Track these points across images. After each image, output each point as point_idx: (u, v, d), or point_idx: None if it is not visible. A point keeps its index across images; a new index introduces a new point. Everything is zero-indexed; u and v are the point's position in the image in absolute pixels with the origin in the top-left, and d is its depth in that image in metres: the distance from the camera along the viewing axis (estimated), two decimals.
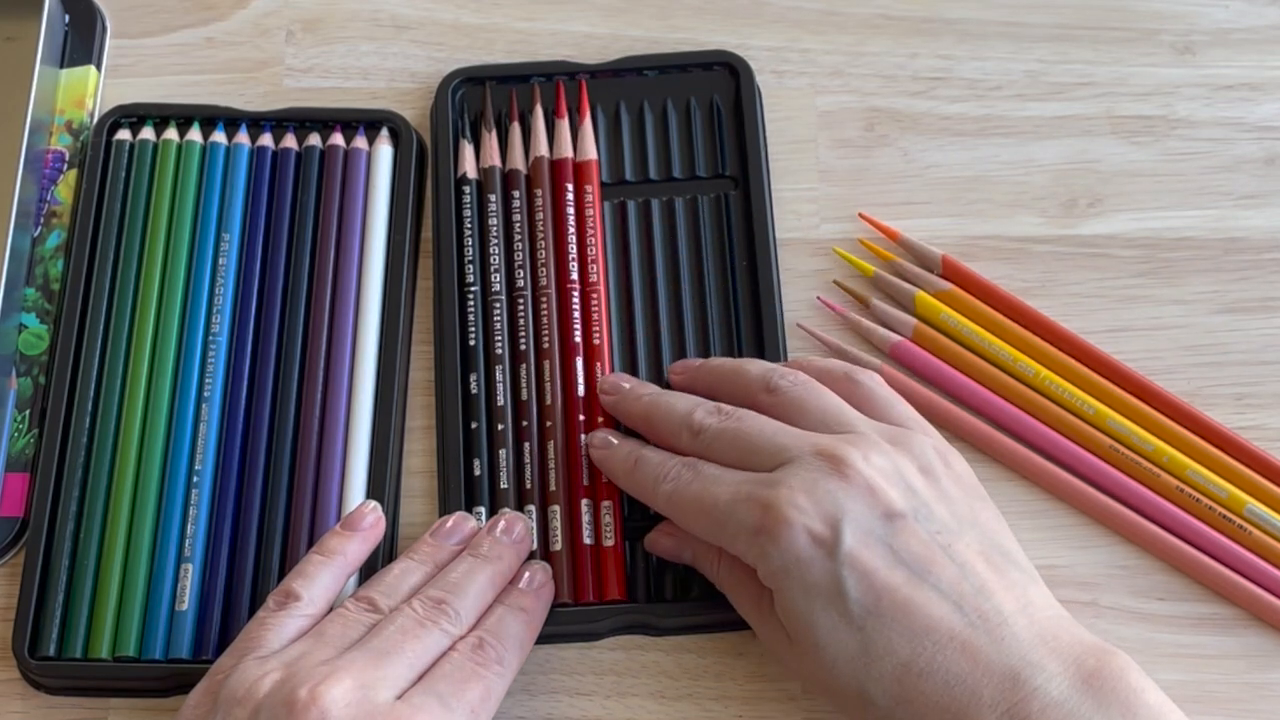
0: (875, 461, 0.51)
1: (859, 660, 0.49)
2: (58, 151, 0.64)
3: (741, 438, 0.54)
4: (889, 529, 0.50)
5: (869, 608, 0.49)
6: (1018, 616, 0.49)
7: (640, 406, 0.57)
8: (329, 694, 0.48)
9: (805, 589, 0.50)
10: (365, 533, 0.56)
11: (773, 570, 0.51)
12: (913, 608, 0.49)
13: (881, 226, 0.62)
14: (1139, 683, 0.48)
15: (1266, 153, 0.64)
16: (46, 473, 0.58)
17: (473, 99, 0.65)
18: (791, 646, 0.51)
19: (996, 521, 0.53)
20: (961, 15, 0.67)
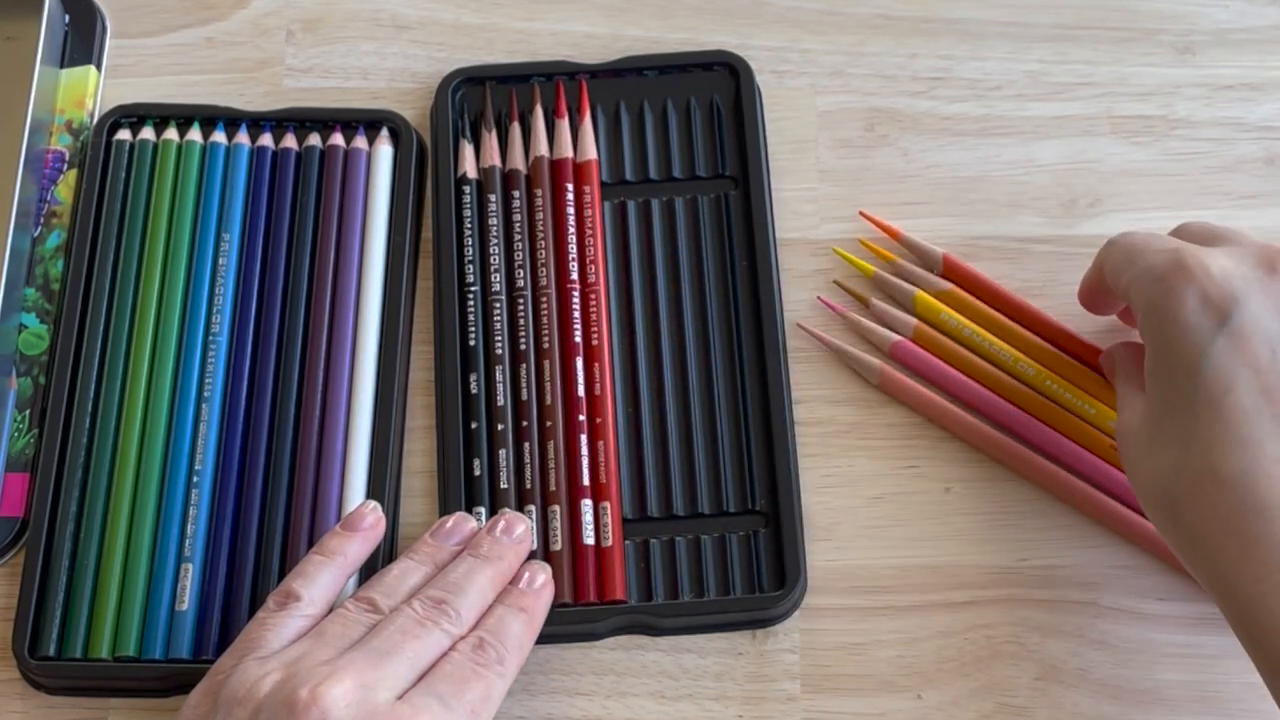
0: None
1: (1179, 443, 0.47)
2: (58, 151, 0.64)
3: (1218, 227, 0.53)
4: (1270, 361, 0.48)
5: (1213, 396, 0.47)
6: None
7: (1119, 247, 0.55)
8: (329, 694, 0.48)
9: (1169, 348, 0.48)
10: (365, 533, 0.56)
11: (1151, 318, 0.49)
12: (1255, 415, 0.47)
13: (883, 225, 0.62)
14: None
15: (1266, 153, 0.64)
16: (46, 473, 0.58)
17: (473, 99, 0.65)
18: (1140, 423, 0.49)
19: None
20: (961, 15, 0.67)
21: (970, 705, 0.56)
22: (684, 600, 0.57)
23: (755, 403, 0.60)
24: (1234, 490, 0.46)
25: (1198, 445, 0.47)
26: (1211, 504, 0.46)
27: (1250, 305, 0.48)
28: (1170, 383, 0.48)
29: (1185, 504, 0.47)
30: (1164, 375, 0.49)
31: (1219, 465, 0.46)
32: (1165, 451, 0.48)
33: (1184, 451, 0.47)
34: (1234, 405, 0.47)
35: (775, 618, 0.57)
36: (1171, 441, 0.48)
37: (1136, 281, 0.51)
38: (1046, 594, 0.57)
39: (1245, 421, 0.47)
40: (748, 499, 0.59)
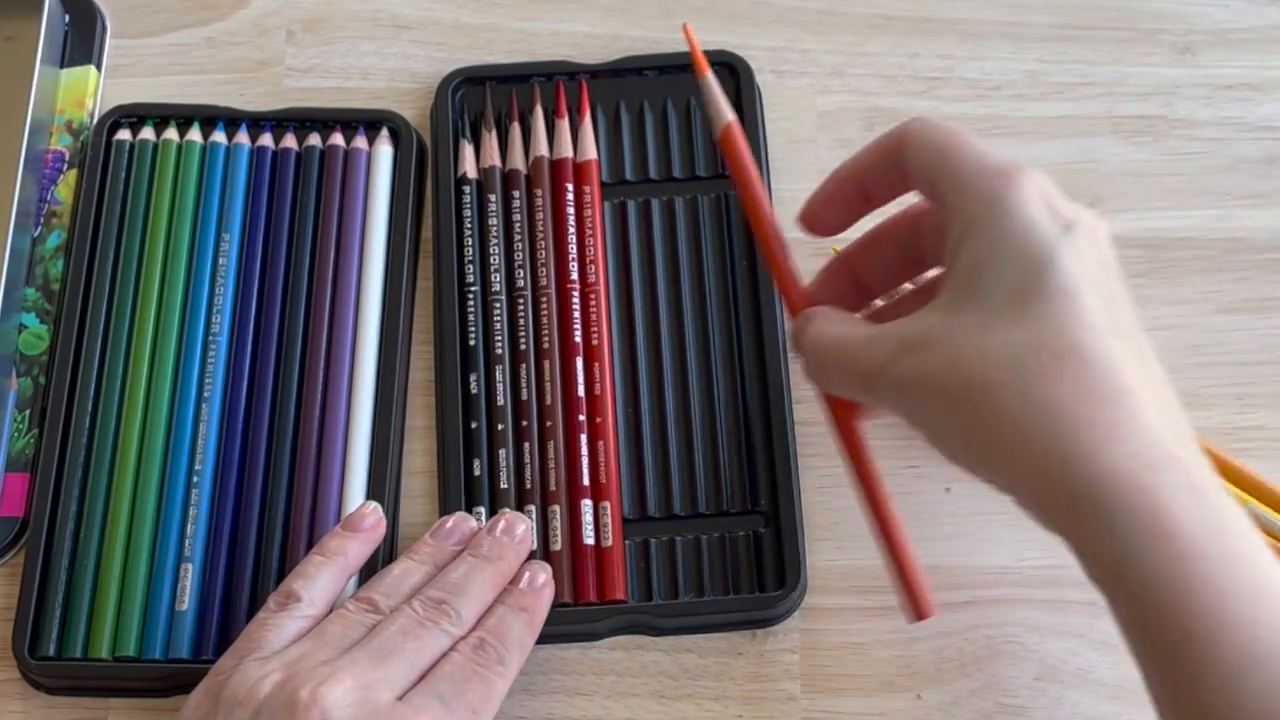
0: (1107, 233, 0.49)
1: (1023, 326, 0.45)
2: (58, 151, 0.64)
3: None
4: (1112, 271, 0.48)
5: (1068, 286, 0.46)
6: (1180, 411, 0.47)
7: None
8: (330, 695, 0.48)
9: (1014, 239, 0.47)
10: (366, 533, 0.56)
11: (988, 205, 0.47)
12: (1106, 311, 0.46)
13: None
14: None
15: (1266, 153, 0.64)
16: (46, 473, 0.58)
17: (473, 99, 0.65)
18: (944, 313, 0.48)
19: None
20: (961, 15, 0.67)
21: (970, 705, 0.56)
22: (684, 600, 0.57)
23: (755, 403, 0.60)
24: (1099, 368, 0.45)
25: (1056, 326, 0.46)
26: (1075, 378, 0.45)
27: (1085, 226, 0.48)
28: (1014, 269, 0.46)
29: (1043, 378, 0.45)
30: (1003, 263, 0.47)
31: (1081, 344, 0.45)
32: (1006, 331, 0.46)
33: (1039, 329, 0.46)
34: (1086, 299, 0.46)
35: (775, 618, 0.57)
36: (1016, 322, 0.46)
37: (967, 174, 0.49)
38: (1046, 594, 0.57)
39: (1096, 314, 0.46)
40: (748, 499, 0.59)
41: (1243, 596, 0.43)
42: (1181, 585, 0.43)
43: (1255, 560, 0.43)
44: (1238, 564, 0.43)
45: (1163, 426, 0.45)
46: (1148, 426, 0.45)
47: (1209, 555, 0.43)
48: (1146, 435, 0.44)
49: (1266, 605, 0.43)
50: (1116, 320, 0.46)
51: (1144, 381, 0.46)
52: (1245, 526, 0.44)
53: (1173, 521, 0.43)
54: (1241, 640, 0.42)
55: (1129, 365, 0.46)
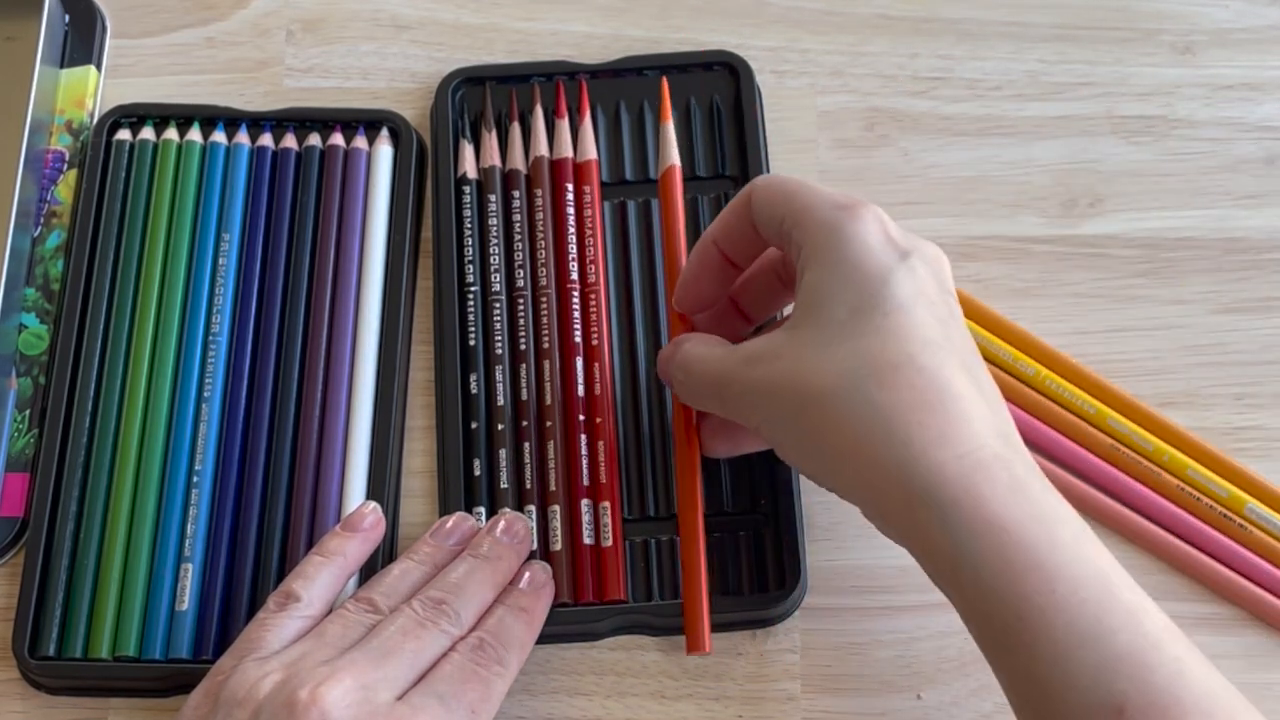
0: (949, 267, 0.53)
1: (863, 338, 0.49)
2: (58, 151, 0.64)
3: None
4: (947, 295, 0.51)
5: (904, 304, 0.49)
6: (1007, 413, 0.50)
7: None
8: (329, 695, 0.48)
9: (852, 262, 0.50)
10: (365, 533, 0.56)
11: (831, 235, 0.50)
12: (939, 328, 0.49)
13: None
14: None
15: (1266, 153, 0.64)
16: (46, 473, 0.58)
17: (473, 99, 0.65)
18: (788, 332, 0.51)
19: None
20: (961, 15, 0.67)
21: (970, 705, 0.56)
22: None
23: None
24: (930, 376, 0.48)
25: (893, 338, 0.49)
26: (910, 384, 0.48)
27: (921, 255, 0.51)
28: (854, 290, 0.50)
29: (879, 385, 0.48)
30: (843, 285, 0.50)
31: (915, 355, 0.48)
32: (848, 344, 0.49)
33: (877, 342, 0.49)
34: (923, 313, 0.49)
35: (775, 618, 0.57)
36: (856, 335, 0.49)
37: (813, 211, 0.51)
38: None
39: (930, 329, 0.49)
40: (748, 499, 0.58)
41: (1068, 580, 0.46)
42: (1011, 573, 0.46)
43: (1079, 547, 0.47)
44: (1062, 550, 0.46)
45: (989, 429, 0.48)
46: (976, 431, 0.48)
47: (1035, 544, 0.46)
48: (974, 438, 0.48)
49: (1092, 587, 0.46)
50: (949, 335, 0.50)
51: (973, 389, 0.49)
52: (1068, 515, 0.47)
53: (999, 514, 0.46)
54: (1070, 620, 0.45)
55: (958, 375, 0.49)
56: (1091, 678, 0.45)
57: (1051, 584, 0.46)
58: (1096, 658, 0.45)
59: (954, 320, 0.51)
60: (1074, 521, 0.47)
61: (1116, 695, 0.45)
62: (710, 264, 0.56)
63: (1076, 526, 0.47)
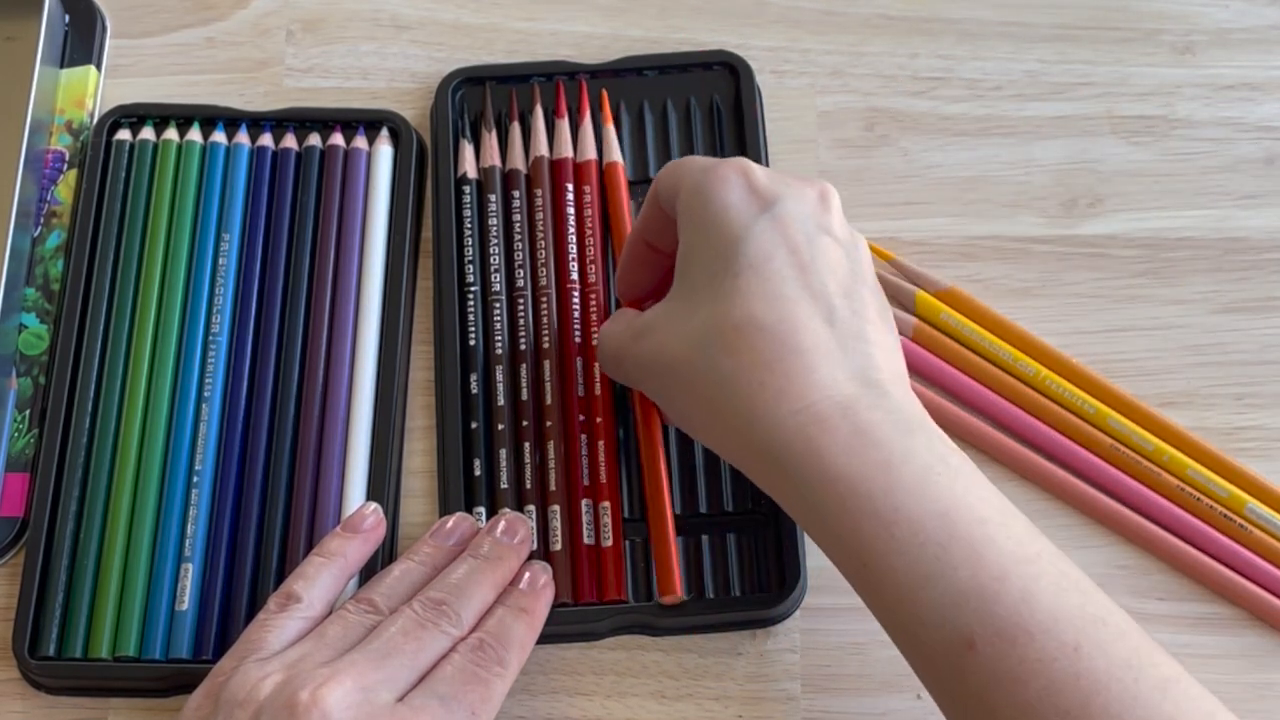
0: (838, 199, 0.53)
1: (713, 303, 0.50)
2: (58, 151, 0.64)
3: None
4: (818, 234, 0.51)
5: (755, 261, 0.50)
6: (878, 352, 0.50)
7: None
8: (330, 696, 0.48)
9: (713, 226, 0.51)
10: (366, 534, 0.56)
11: (694, 202, 0.52)
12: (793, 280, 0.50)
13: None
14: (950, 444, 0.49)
15: (1266, 153, 0.64)
16: (46, 473, 0.58)
17: (473, 99, 0.65)
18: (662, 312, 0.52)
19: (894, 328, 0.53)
20: (961, 15, 0.67)
21: None
22: (684, 600, 0.57)
23: None
24: (774, 335, 0.49)
25: (739, 299, 0.50)
26: (751, 346, 0.49)
27: (789, 202, 0.51)
28: (712, 253, 0.51)
29: (724, 350, 0.49)
30: (704, 249, 0.51)
31: (759, 314, 0.49)
32: (701, 310, 0.50)
33: (724, 306, 0.50)
34: (773, 270, 0.50)
35: (775, 618, 0.57)
36: (709, 301, 0.50)
37: (686, 177, 0.53)
38: None
39: (783, 283, 0.50)
40: (747, 499, 0.58)
41: (906, 524, 0.47)
42: (851, 521, 0.47)
43: (923, 488, 0.47)
44: (902, 494, 0.47)
45: (838, 376, 0.49)
46: (817, 381, 0.48)
47: (872, 492, 0.47)
48: (815, 389, 0.49)
49: (932, 527, 0.46)
50: (808, 284, 0.50)
51: (825, 336, 0.49)
52: (919, 451, 0.48)
53: (836, 466, 0.47)
54: (910, 562, 0.47)
55: (808, 325, 0.49)
56: (939, 615, 0.46)
57: (890, 529, 0.47)
58: (939, 596, 0.46)
59: (822, 262, 0.51)
60: (922, 456, 0.48)
61: (963, 630, 0.46)
62: (639, 254, 0.57)
63: (923, 463, 0.48)
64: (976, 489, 0.48)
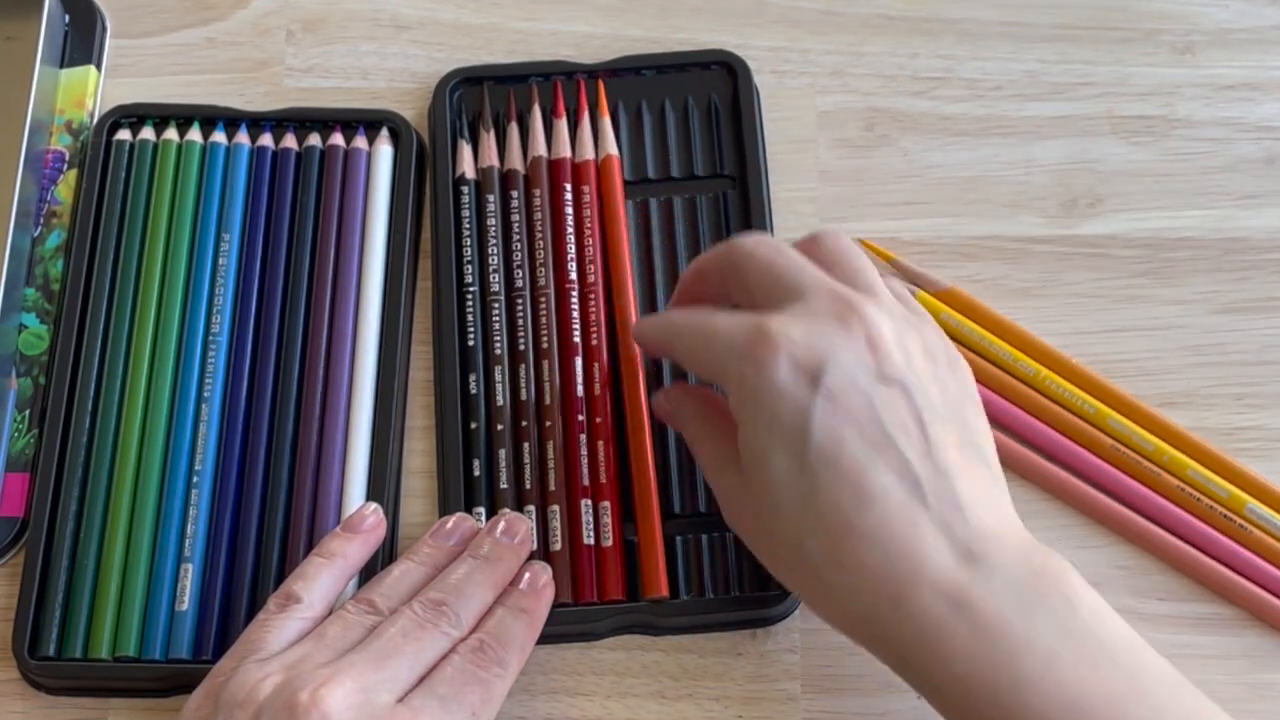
0: (884, 323, 0.50)
1: (805, 511, 0.48)
2: (58, 151, 0.64)
3: (773, 266, 0.52)
4: (876, 387, 0.49)
5: (827, 456, 0.48)
6: (975, 506, 0.48)
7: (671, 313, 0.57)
8: (330, 697, 0.48)
9: (770, 419, 0.49)
10: (366, 535, 0.56)
11: (745, 396, 0.49)
12: (872, 467, 0.48)
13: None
14: (1079, 583, 0.48)
15: (1266, 153, 0.64)
16: (46, 473, 0.58)
17: (471, 99, 0.65)
18: (744, 492, 0.51)
19: (982, 427, 0.51)
20: (961, 15, 0.67)
21: None
22: (684, 600, 0.57)
23: None
24: (875, 542, 0.47)
25: (825, 507, 0.48)
26: (857, 560, 0.48)
27: (839, 363, 0.49)
28: (780, 449, 0.49)
29: (831, 565, 0.48)
30: (770, 443, 0.49)
31: (854, 522, 0.48)
32: (791, 515, 0.49)
33: (812, 514, 0.48)
34: (850, 462, 0.48)
35: (775, 618, 0.57)
36: (795, 505, 0.49)
37: (721, 361, 0.51)
38: None
39: (865, 476, 0.48)
40: None
41: (1038, 716, 0.46)
42: (979, 713, 0.47)
43: (1047, 674, 0.46)
44: (1029, 689, 0.46)
45: (942, 568, 0.47)
46: (927, 580, 0.47)
47: (997, 688, 0.46)
48: (927, 592, 0.47)
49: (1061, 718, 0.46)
50: (889, 462, 0.48)
51: (924, 528, 0.48)
52: (1035, 636, 0.46)
53: (958, 669, 0.46)
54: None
55: (903, 515, 0.48)
56: None
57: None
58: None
59: (893, 424, 0.48)
60: (1044, 640, 0.46)
61: None
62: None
63: (1046, 647, 0.46)
64: (1105, 663, 0.46)
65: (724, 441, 0.53)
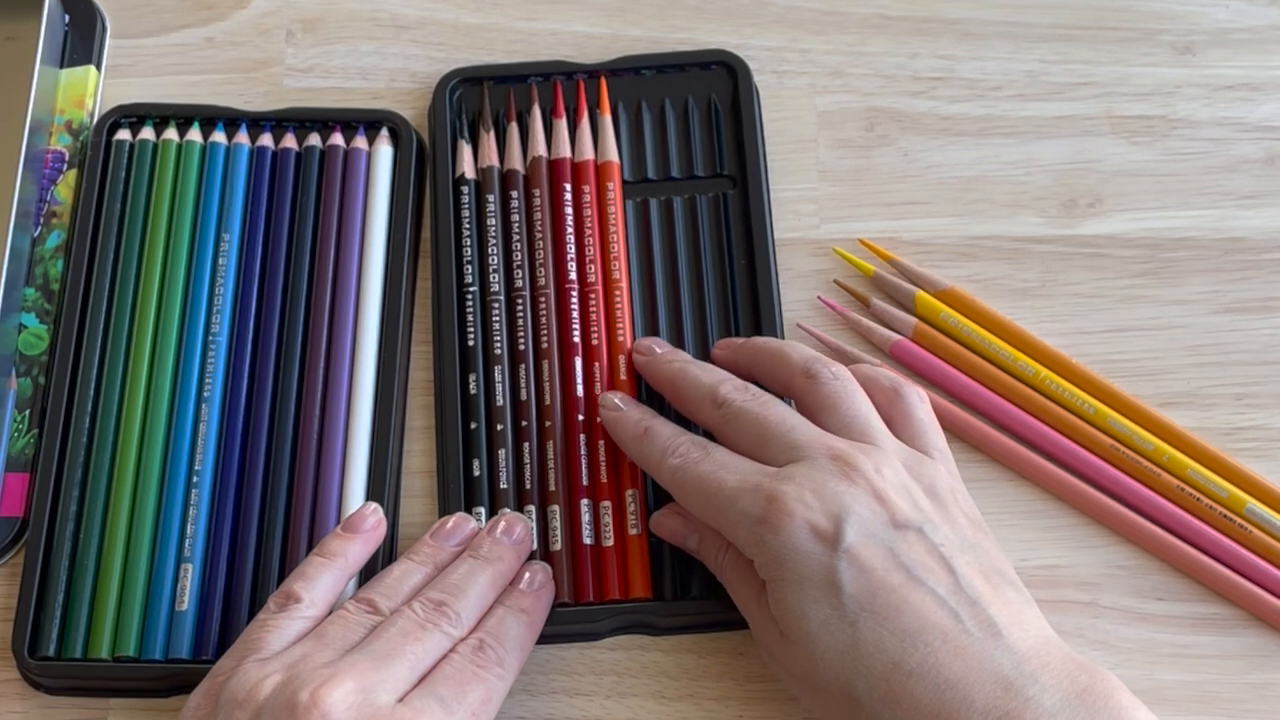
0: (885, 474, 0.52)
1: (848, 656, 0.49)
2: (58, 151, 0.64)
3: (761, 423, 0.54)
4: (892, 535, 0.50)
5: (863, 603, 0.49)
6: (1012, 629, 0.49)
7: (669, 370, 0.57)
8: (330, 696, 0.48)
9: (800, 581, 0.50)
10: (366, 535, 0.56)
11: (769, 560, 0.51)
12: (907, 607, 0.49)
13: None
14: (1128, 701, 0.48)
15: (1266, 153, 0.64)
16: (46, 473, 0.58)
17: (471, 99, 0.65)
18: (783, 642, 0.51)
19: (997, 550, 0.53)
20: (961, 15, 0.67)
21: None
22: (684, 600, 0.57)
23: None
24: (923, 679, 0.48)
25: (870, 651, 0.49)
26: (909, 698, 0.48)
27: (853, 520, 0.50)
28: (815, 603, 0.50)
29: (883, 705, 0.49)
30: (803, 599, 0.50)
31: (901, 661, 0.49)
32: (838, 661, 0.49)
33: (859, 658, 0.49)
34: (885, 606, 0.49)
35: None
36: (841, 653, 0.49)
37: (735, 525, 0.52)
38: (1046, 594, 0.57)
39: (901, 618, 0.49)
40: None
41: None
42: None
43: None
44: None
45: (990, 699, 0.48)
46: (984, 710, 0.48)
47: None
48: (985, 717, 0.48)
49: None
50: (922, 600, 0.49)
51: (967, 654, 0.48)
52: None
53: None
54: None
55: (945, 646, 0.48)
56: None
57: None
58: None
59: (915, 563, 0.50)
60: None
61: None
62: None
63: None
64: None
65: (752, 582, 0.53)
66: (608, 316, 0.61)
